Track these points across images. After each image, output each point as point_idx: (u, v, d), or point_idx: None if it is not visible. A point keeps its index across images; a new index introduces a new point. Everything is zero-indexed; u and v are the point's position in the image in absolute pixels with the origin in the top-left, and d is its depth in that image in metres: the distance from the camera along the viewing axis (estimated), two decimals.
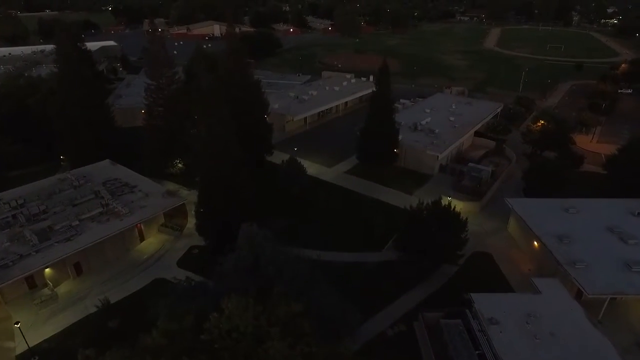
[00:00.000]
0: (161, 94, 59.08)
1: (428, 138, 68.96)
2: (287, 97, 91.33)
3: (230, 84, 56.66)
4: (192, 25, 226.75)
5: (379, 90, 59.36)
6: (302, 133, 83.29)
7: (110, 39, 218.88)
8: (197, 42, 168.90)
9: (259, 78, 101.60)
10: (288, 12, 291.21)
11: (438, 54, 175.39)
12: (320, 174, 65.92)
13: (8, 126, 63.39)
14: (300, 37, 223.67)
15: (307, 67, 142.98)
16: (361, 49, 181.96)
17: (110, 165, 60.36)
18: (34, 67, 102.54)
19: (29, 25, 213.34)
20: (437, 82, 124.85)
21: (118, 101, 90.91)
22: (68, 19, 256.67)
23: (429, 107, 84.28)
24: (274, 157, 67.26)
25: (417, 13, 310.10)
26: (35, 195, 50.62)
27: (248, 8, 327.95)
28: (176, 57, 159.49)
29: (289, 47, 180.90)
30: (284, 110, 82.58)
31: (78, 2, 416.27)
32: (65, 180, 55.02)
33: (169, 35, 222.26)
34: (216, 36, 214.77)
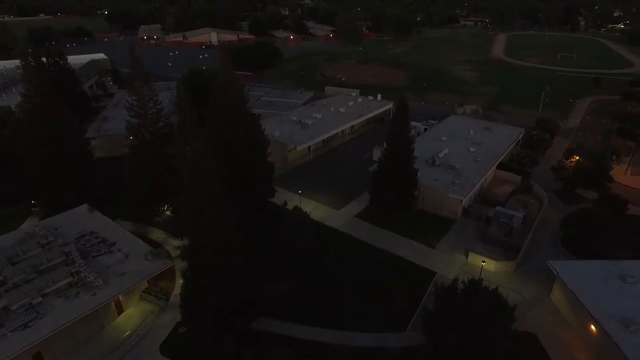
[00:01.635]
0: (146, 132, 51.32)
1: (448, 175, 61.29)
2: (289, 121, 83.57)
3: (223, 122, 48.94)
4: (189, 33, 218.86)
5: (397, 128, 51.67)
6: (306, 163, 75.53)
7: (103, 46, 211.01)
8: (192, 54, 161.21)
9: (258, 113, 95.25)
10: (287, 17, 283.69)
11: (445, 64, 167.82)
12: (327, 219, 58.15)
13: None
14: (301, 44, 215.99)
15: (309, 81, 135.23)
16: (365, 58, 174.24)
17: (88, 213, 52.63)
18: (14, 86, 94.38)
19: (18, 32, 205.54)
20: (447, 98, 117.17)
21: (104, 125, 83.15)
22: (60, 25, 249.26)
23: (445, 134, 76.61)
24: (275, 195, 59.60)
25: (419, 18, 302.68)
26: None
27: (247, 13, 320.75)
28: (170, 68, 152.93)
29: (289, 57, 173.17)
30: (285, 138, 74.83)
31: (72, 6, 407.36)
32: (33, 235, 47.22)
33: (164, 44, 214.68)
34: (213, 44, 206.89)
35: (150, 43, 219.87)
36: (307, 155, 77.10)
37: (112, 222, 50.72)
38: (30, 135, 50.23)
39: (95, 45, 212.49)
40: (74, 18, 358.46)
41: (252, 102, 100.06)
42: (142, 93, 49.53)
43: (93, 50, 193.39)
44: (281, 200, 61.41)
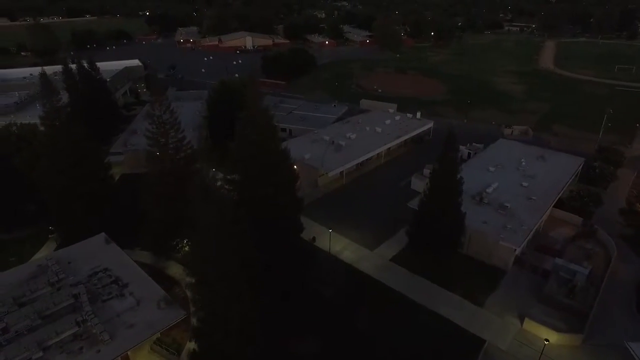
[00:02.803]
0: (166, 163, 47.40)
1: (499, 217, 54.02)
2: (321, 141, 78.31)
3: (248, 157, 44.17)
4: (224, 37, 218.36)
5: (443, 165, 45.17)
6: (338, 190, 69.94)
7: (141, 49, 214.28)
8: (226, 60, 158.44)
9: (289, 128, 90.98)
10: (323, 21, 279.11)
11: (488, 74, 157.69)
12: (359, 261, 52.35)
13: None
14: (335, 50, 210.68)
15: (344, 92, 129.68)
16: (402, 66, 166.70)
17: (104, 244, 49.32)
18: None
19: (63, 34, 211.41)
20: (492, 116, 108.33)
21: (132, 139, 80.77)
22: (103, 26, 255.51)
23: (493, 163, 69.00)
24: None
25: (460, 23, 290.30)
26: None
27: (283, 16, 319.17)
28: (203, 75, 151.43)
29: (324, 63, 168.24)
30: (316, 162, 69.58)
31: (116, 7, 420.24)
32: (45, 270, 44.30)
33: (199, 48, 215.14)
34: (248, 49, 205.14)
35: (186, 46, 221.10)
36: (340, 180, 71.53)
37: (128, 258, 47.15)
38: (48, 161, 47.38)
39: (133, 48, 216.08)
40: (117, 19, 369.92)
41: (283, 117, 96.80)
42: (163, 120, 45.47)
43: (131, 52, 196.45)
44: (309, 234, 56.12)
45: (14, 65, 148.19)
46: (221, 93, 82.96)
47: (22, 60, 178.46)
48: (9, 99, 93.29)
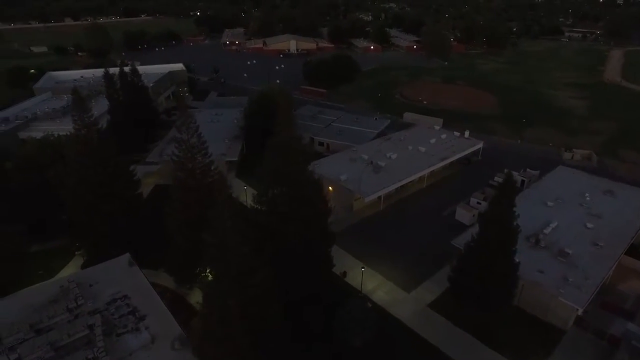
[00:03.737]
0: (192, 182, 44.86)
1: (558, 266, 47.16)
2: (359, 160, 73.72)
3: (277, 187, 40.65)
4: (269, 40, 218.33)
5: (497, 213, 39.23)
6: (374, 216, 65.06)
7: (187, 51, 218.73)
8: (269, 65, 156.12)
9: (327, 142, 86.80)
10: (369, 24, 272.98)
11: (545, 87, 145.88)
12: (393, 304, 47.44)
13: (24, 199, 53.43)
14: (380, 56, 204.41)
15: (386, 102, 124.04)
16: (450, 75, 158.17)
17: (127, 267, 47.70)
18: (93, 99, 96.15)
19: (117, 34, 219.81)
20: (550, 136, 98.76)
21: (168, 149, 79.69)
22: (155, 27, 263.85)
23: (551, 196, 61.46)
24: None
25: (515, 28, 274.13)
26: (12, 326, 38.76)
27: (329, 18, 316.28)
28: (246, 80, 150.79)
29: (367, 70, 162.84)
30: (353, 185, 65.10)
31: (170, 7, 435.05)
32: (66, 293, 43.11)
33: (244, 50, 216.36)
34: (292, 52, 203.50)
35: (231, 48, 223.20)
36: (377, 204, 66.62)
37: (149, 285, 45.10)
38: (76, 179, 46.28)
39: (181, 50, 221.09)
40: (170, 19, 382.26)
41: (321, 129, 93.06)
42: (191, 145, 42.86)
43: (178, 54, 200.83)
44: (340, 267, 51.86)
45: (69, 66, 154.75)
46: (259, 104, 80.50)
47: (79, 60, 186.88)
48: (58, 102, 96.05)
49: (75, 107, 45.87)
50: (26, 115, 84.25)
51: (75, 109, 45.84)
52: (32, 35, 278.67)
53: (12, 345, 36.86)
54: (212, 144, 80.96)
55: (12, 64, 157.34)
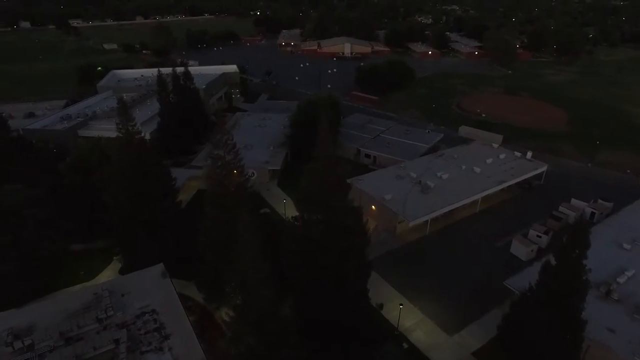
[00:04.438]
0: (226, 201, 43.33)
1: (634, 325, 40.26)
2: (407, 177, 69.24)
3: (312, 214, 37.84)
4: (324, 42, 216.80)
5: (564, 268, 33.71)
6: (419, 241, 60.40)
7: (244, 51, 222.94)
8: (322, 67, 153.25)
9: (374, 155, 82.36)
10: (429, 27, 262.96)
11: (625, 103, 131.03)
12: (432, 348, 42.94)
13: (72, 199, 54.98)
14: (438, 61, 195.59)
15: (441, 113, 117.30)
16: (514, 86, 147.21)
17: (160, 278, 47.28)
18: (149, 99, 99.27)
19: (181, 33, 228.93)
20: (628, 161, 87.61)
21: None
22: (216, 26, 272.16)
23: (628, 237, 53.51)
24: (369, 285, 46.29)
25: (592, 34, 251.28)
26: (45, 331, 39.31)
27: (387, 20, 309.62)
28: (297, 83, 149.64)
29: (423, 77, 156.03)
30: (398, 206, 60.87)
31: (232, 7, 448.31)
32: (99, 300, 43.35)
33: (299, 52, 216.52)
34: (346, 55, 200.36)
35: (286, 50, 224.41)
36: (422, 228, 61.86)
37: (178, 301, 44.16)
38: (116, 185, 46.53)
39: (238, 50, 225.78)
40: (231, 19, 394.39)
41: (368, 140, 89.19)
42: (227, 162, 41.25)
43: (235, 54, 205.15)
44: (377, 297, 48.16)
45: (134, 64, 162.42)
46: (305, 113, 78.32)
47: (144, 57, 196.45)
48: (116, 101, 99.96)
49: (119, 114, 46.00)
50: (86, 114, 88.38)
51: (119, 115, 45.97)
52: (107, 32, 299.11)
53: (42, 352, 37.28)
54: (257, 150, 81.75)
55: (85, 60, 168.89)
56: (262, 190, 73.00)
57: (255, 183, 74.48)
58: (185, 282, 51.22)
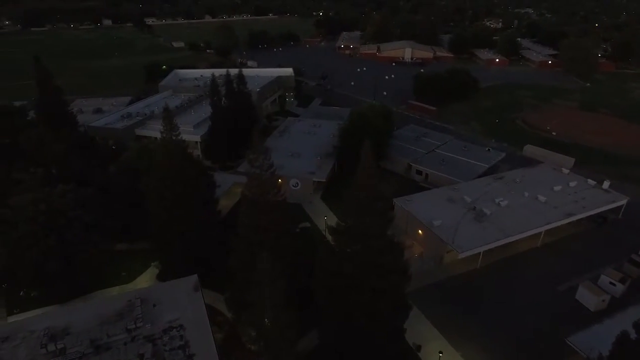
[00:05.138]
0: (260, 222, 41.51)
1: None
2: (460, 201, 63.74)
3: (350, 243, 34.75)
4: (383, 45, 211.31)
5: None
6: (468, 276, 54.97)
7: (303, 52, 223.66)
8: (379, 73, 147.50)
9: (426, 172, 76.53)
10: (498, 31, 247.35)
11: None
12: None
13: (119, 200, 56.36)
14: (506, 70, 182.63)
15: (505, 129, 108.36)
16: (592, 101, 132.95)
17: (192, 291, 46.69)
18: (204, 100, 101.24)
19: (244, 34, 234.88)
20: None
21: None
22: (276, 28, 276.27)
23: None
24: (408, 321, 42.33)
25: None
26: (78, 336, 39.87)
27: (452, 24, 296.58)
28: (352, 89, 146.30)
29: (487, 86, 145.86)
30: (447, 233, 55.91)
31: (296, 7, 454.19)
32: (131, 308, 43.51)
33: (357, 55, 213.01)
34: (405, 60, 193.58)
35: (345, 53, 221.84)
36: (473, 260, 56.28)
37: (206, 319, 43.01)
38: (156, 195, 46.58)
39: (296, 51, 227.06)
40: (294, 19, 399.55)
41: (422, 155, 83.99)
42: (263, 180, 39.32)
43: (293, 55, 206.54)
44: (414, 336, 44.04)
45: (196, 63, 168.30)
46: (355, 125, 75.10)
47: (207, 56, 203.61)
48: (175, 101, 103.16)
49: (163, 122, 45.87)
50: (145, 113, 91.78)
51: (163, 123, 45.84)
52: (177, 30, 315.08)
53: (72, 358, 37.77)
54: (303, 159, 79.88)
55: (154, 58, 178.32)
56: (305, 202, 71.23)
57: (299, 194, 73.22)
58: (218, 295, 50.43)
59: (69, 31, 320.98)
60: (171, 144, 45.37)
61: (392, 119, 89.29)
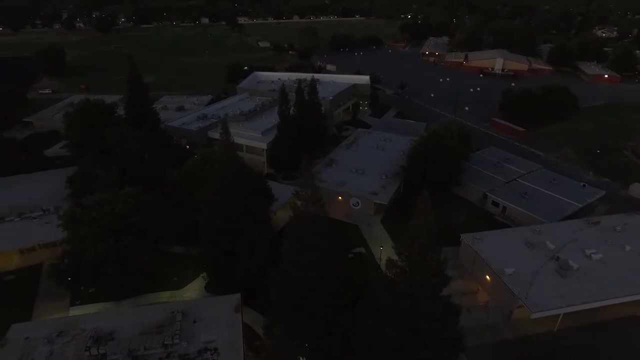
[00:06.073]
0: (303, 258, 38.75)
1: None
2: (540, 247, 55.20)
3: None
4: (472, 54, 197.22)
5: None
6: (541, 339, 46.97)
7: (384, 57, 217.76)
8: (462, 85, 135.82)
9: (504, 205, 68.02)
10: (610, 41, 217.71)
11: None
12: None
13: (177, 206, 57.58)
14: (616, 88, 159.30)
15: (607, 160, 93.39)
16: None
17: (232, 312, 45.63)
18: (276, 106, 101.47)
19: (327, 35, 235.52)
20: None
21: (323, 172, 76.88)
22: (360, 31, 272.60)
23: None
24: None
25: None
26: (119, 344, 40.66)
27: (555, 32, 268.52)
28: (432, 101, 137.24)
29: (590, 106, 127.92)
30: (520, 285, 48.40)
31: (383, 9, 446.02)
32: (172, 323, 43.58)
33: (442, 63, 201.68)
34: (495, 71, 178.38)
35: (428, 60, 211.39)
36: (550, 320, 48.00)
37: (241, 345, 41.81)
38: (208, 210, 46.23)
39: (378, 56, 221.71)
40: (380, 22, 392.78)
41: (501, 185, 75.07)
42: (309, 215, 36.39)
43: (374, 60, 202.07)
44: None
45: (277, 64, 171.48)
46: (426, 146, 69.21)
47: (288, 57, 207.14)
48: (249, 105, 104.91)
49: (221, 135, 45.15)
50: (219, 115, 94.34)
51: (221, 136, 45.13)
52: (265, 30, 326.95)
53: None
54: (368, 176, 75.69)
55: (241, 57, 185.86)
56: (363, 225, 67.35)
57: (358, 214, 69.49)
58: (259, 316, 49.08)
59: (171, 28, 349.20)
60: (225, 159, 44.49)
61: (470, 140, 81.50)
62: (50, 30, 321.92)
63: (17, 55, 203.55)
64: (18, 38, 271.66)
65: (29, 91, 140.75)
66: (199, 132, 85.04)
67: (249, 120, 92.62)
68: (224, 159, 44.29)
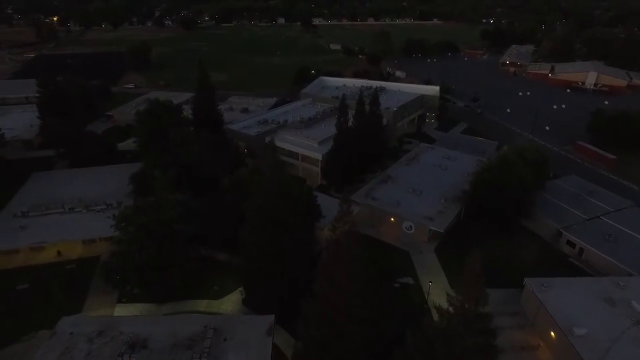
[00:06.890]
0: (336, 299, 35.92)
1: None
2: (623, 304, 46.87)
3: None
4: (560, 66, 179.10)
5: None
6: None
7: (459, 65, 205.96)
8: (544, 102, 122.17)
9: (582, 247, 59.14)
10: None
11: None
12: None
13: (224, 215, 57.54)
14: None
15: None
16: None
17: (264, 334, 44.15)
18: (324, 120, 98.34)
19: (401, 40, 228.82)
20: None
21: (377, 189, 73.14)
22: (437, 36, 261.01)
23: None
24: None
25: None
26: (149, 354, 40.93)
27: None
28: (508, 117, 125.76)
29: None
30: (593, 351, 41.14)
31: (465, 13, 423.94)
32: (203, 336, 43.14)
33: (523, 75, 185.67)
34: (586, 87, 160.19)
35: (509, 70, 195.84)
36: None
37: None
38: (249, 227, 45.20)
39: (453, 63, 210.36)
40: (460, 26, 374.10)
41: (581, 222, 65.67)
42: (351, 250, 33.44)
43: (447, 67, 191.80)
44: None
45: (344, 69, 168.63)
46: (494, 173, 62.56)
47: (358, 62, 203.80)
48: (310, 111, 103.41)
49: (264, 159, 43.83)
50: (279, 121, 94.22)
51: (265, 160, 43.81)
52: (339, 32, 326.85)
53: None
54: (425, 198, 70.51)
55: (312, 58, 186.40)
56: (414, 252, 62.59)
57: (410, 239, 64.87)
58: (292, 340, 47.19)
59: (249, 28, 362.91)
60: (269, 178, 43.04)
61: (547, 168, 72.71)
62: (143, 27, 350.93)
63: (114, 51, 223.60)
64: (116, 35, 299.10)
65: (116, 85, 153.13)
66: (257, 138, 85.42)
67: (308, 128, 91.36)
68: (267, 177, 42.84)
